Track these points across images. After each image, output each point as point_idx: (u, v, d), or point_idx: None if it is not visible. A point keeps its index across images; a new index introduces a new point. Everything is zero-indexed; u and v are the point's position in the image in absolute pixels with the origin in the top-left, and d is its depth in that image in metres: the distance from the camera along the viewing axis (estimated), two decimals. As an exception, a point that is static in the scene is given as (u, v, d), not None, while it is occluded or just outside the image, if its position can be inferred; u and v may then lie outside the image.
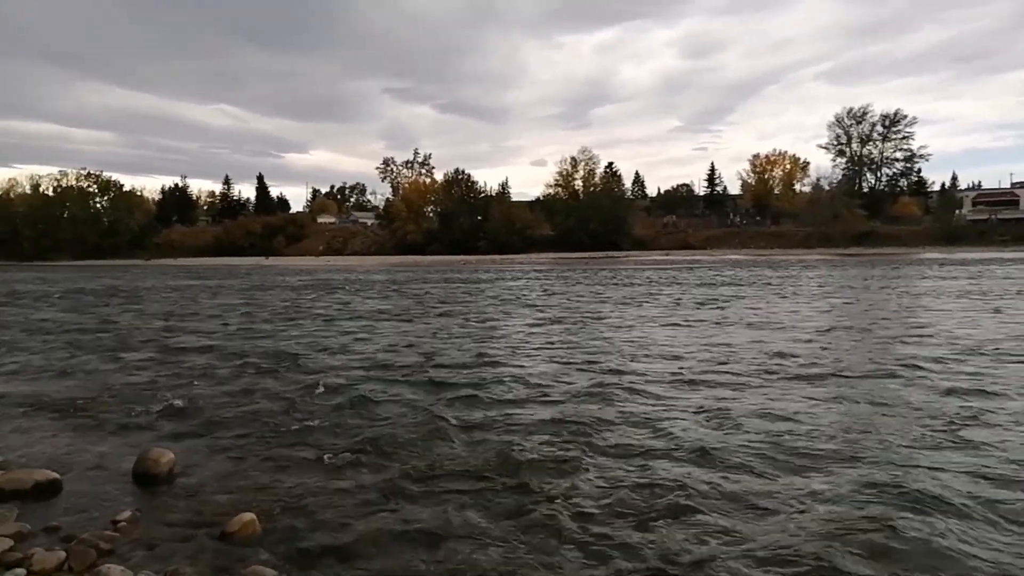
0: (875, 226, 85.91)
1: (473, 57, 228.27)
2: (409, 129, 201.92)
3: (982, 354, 11.13)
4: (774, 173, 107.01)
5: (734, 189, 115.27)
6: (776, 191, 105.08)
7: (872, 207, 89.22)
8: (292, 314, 20.49)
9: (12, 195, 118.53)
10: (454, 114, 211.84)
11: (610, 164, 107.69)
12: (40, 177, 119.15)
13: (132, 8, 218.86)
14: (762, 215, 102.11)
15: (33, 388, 9.99)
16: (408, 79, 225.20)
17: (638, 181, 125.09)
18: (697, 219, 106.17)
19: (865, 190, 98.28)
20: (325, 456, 6.39)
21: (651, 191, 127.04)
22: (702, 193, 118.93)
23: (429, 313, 20.10)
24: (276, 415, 8.01)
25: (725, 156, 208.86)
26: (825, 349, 12.03)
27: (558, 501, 5.17)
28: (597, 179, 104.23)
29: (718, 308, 19.77)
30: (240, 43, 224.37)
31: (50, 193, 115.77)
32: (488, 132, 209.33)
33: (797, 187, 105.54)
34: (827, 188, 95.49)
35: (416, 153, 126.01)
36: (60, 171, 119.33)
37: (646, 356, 11.61)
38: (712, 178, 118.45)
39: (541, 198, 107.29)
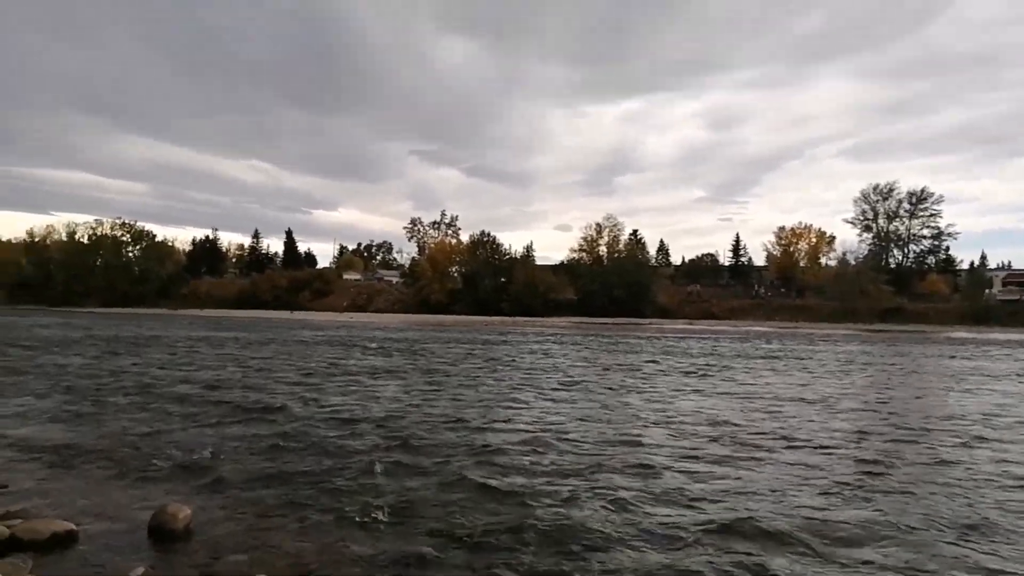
0: (902, 303, 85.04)
1: (500, 123, 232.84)
2: (436, 191, 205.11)
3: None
4: (800, 246, 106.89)
5: (759, 260, 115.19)
6: (802, 264, 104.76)
7: (899, 283, 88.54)
8: (317, 370, 20.49)
9: (48, 242, 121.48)
10: (480, 178, 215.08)
11: (635, 231, 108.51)
12: (76, 225, 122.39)
13: (172, 64, 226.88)
14: (787, 287, 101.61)
15: (52, 434, 10.01)
16: (436, 142, 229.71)
17: (662, 249, 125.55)
18: (721, 289, 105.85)
19: (892, 266, 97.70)
20: (344, 517, 6.28)
21: (675, 259, 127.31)
22: (727, 263, 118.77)
23: (452, 373, 20.00)
24: (295, 472, 7.92)
25: (750, 227, 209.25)
26: (861, 435, 11.75)
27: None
28: (621, 245, 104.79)
29: (748, 381, 19.48)
30: (275, 101, 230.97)
31: (85, 241, 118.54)
32: (513, 196, 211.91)
33: (823, 261, 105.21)
34: (853, 263, 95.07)
35: (443, 214, 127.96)
36: (96, 220, 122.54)
37: (671, 427, 11.40)
38: (737, 248, 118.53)
39: (565, 262, 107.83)
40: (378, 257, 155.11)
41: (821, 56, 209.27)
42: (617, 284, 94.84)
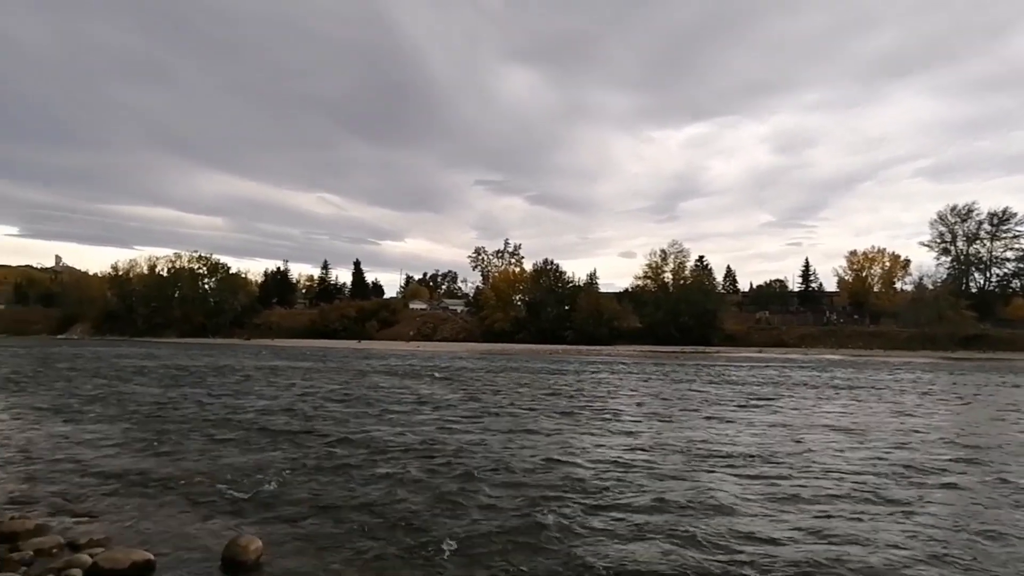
0: (986, 328, 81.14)
1: (564, 151, 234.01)
2: (500, 220, 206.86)
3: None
4: (873, 270, 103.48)
5: (830, 286, 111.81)
6: (875, 289, 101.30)
7: (981, 309, 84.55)
8: (384, 399, 20.76)
9: (131, 275, 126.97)
10: (544, 206, 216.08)
11: (701, 257, 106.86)
12: (157, 258, 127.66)
13: (247, 101, 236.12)
14: (860, 314, 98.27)
15: (131, 463, 10.41)
16: (500, 172, 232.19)
17: (729, 275, 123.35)
18: (791, 316, 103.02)
19: (973, 291, 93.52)
20: (409, 551, 6.33)
21: (742, 286, 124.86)
22: (796, 289, 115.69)
23: (517, 404, 19.98)
24: (362, 504, 8.03)
25: (820, 252, 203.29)
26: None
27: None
28: (687, 272, 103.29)
29: (833, 412, 18.90)
30: (345, 136, 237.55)
31: (164, 274, 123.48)
32: (577, 223, 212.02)
33: (898, 285, 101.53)
34: (931, 287, 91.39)
35: (506, 243, 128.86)
36: (175, 253, 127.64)
37: (746, 461, 11.13)
38: (807, 274, 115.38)
39: (629, 289, 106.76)
40: (443, 286, 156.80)
41: (894, 74, 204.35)
42: (683, 312, 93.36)
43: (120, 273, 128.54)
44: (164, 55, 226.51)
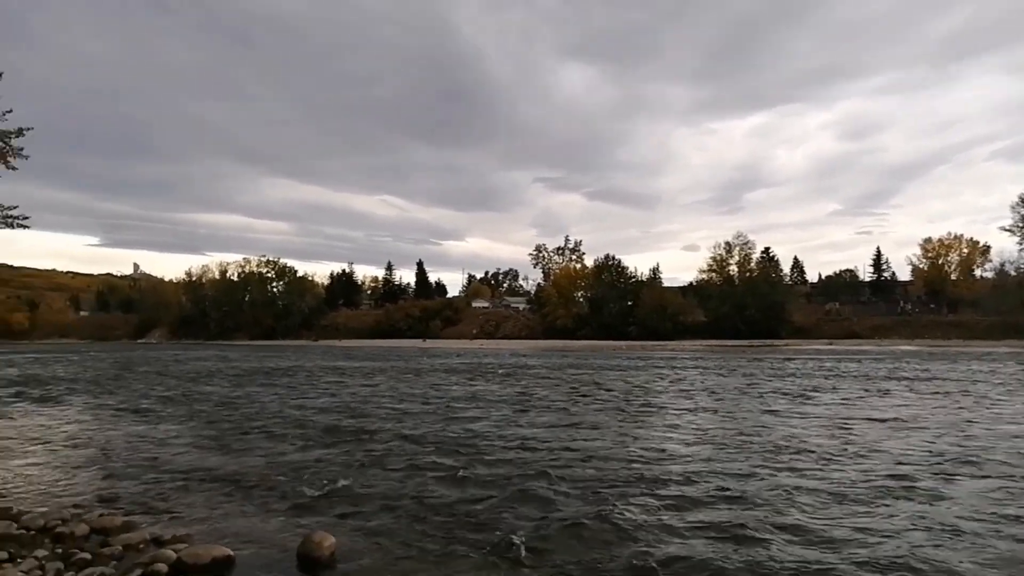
0: (1075, 315, 77.10)
1: (623, 146, 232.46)
2: (560, 216, 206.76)
3: None
4: (950, 258, 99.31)
5: (903, 275, 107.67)
6: (953, 277, 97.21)
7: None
8: (450, 397, 20.96)
9: (203, 280, 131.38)
10: (604, 201, 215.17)
11: (767, 249, 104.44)
12: (227, 264, 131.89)
13: (311, 109, 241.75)
14: (936, 303, 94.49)
15: (208, 462, 10.76)
16: (560, 169, 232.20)
17: (797, 266, 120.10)
18: (862, 306, 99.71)
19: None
20: (481, 549, 6.36)
21: (810, 277, 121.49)
22: (867, 279, 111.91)
23: (584, 400, 19.88)
24: (432, 501, 8.10)
25: (891, 240, 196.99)
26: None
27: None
28: (753, 264, 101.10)
29: (898, 405, 18.26)
30: (405, 140, 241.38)
31: (235, 278, 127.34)
32: (638, 218, 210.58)
33: (977, 273, 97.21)
34: (1014, 273, 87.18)
35: (567, 240, 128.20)
36: (244, 258, 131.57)
37: (824, 458, 10.83)
38: (878, 263, 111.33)
39: (694, 283, 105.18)
40: (505, 284, 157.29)
41: (966, 53, 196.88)
42: (749, 304, 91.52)
43: (193, 279, 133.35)
44: (233, 69, 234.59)
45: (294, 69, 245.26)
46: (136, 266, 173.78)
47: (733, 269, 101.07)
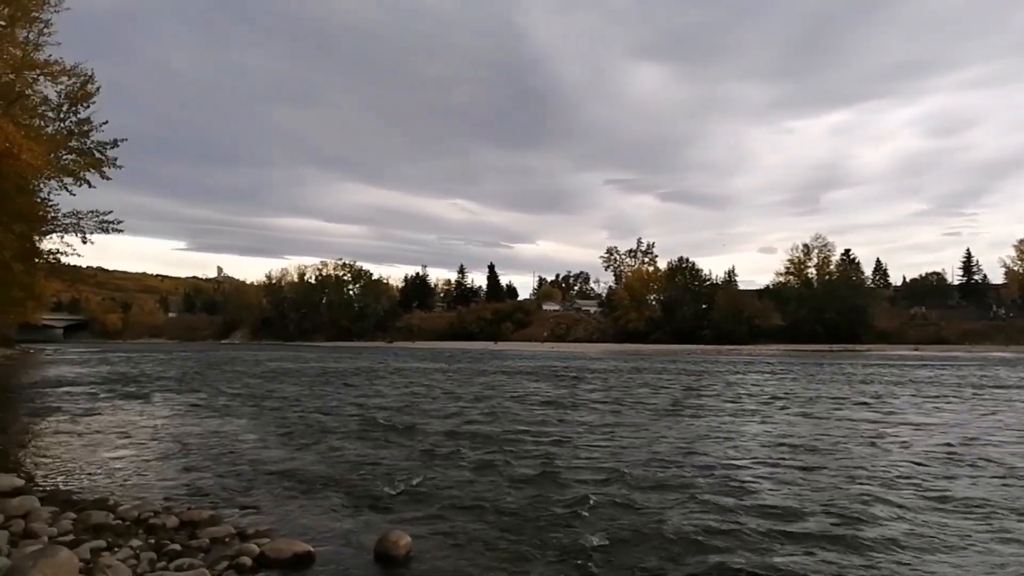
0: None
1: (697, 146, 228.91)
2: (632, 219, 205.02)
3: None
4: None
5: (996, 278, 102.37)
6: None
7: None
8: (522, 399, 21.03)
9: (283, 283, 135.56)
10: (677, 203, 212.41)
11: (847, 251, 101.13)
12: (305, 267, 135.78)
13: (385, 114, 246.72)
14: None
15: (286, 459, 11.08)
16: (631, 170, 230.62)
17: (879, 269, 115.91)
18: (951, 311, 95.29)
19: None
20: (555, 551, 6.35)
21: (894, 280, 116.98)
22: (956, 282, 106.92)
23: (658, 405, 19.62)
24: (507, 502, 8.13)
25: (983, 241, 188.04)
26: None
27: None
28: (832, 266, 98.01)
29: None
30: (477, 143, 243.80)
31: (312, 281, 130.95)
32: (712, 220, 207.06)
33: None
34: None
35: (639, 242, 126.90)
36: (322, 261, 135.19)
37: (923, 475, 10.42)
38: (968, 265, 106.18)
39: (770, 286, 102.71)
40: (576, 287, 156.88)
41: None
42: (829, 308, 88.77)
43: (273, 282, 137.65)
44: (310, 77, 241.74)
45: (370, 75, 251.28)
46: (220, 269, 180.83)
47: (812, 271, 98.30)
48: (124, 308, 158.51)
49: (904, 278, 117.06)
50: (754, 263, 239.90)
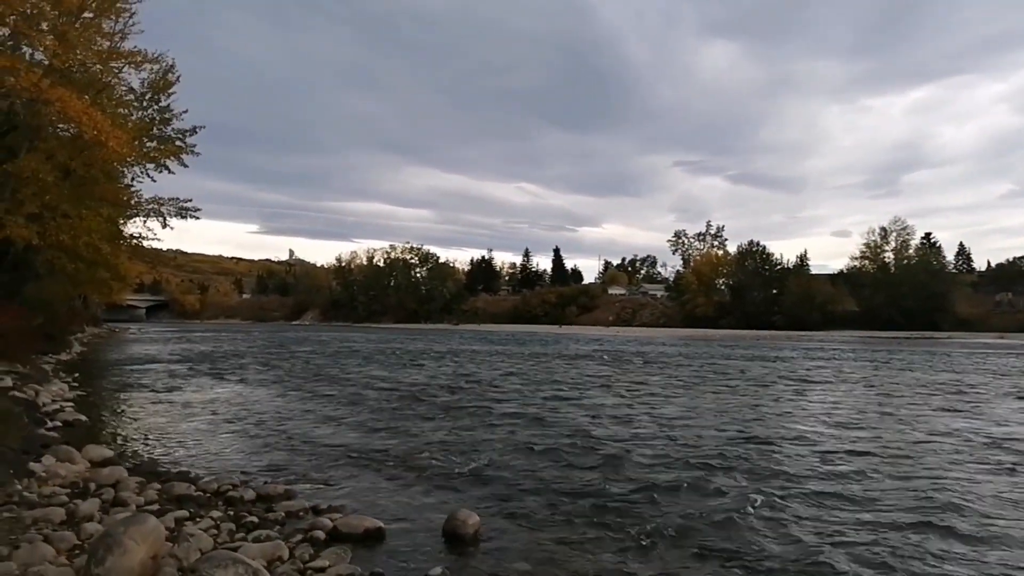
0: None
1: (768, 126, 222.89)
2: (700, 201, 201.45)
3: None
4: None
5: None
6: None
7: None
8: (589, 382, 21.00)
9: (352, 266, 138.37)
10: (747, 185, 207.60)
11: (927, 234, 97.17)
12: (374, 250, 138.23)
13: (451, 99, 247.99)
14: None
15: (355, 437, 11.36)
16: (699, 152, 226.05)
17: (962, 253, 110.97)
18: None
19: None
20: (624, 534, 6.34)
21: (978, 265, 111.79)
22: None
23: (730, 389, 19.33)
24: (575, 485, 8.16)
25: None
26: None
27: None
28: (911, 251, 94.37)
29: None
30: (541, 126, 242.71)
31: (380, 264, 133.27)
32: (784, 202, 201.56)
33: None
34: None
35: (708, 225, 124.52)
36: (390, 245, 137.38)
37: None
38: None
39: (844, 271, 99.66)
40: (642, 271, 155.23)
41: None
42: (906, 294, 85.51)
43: (343, 264, 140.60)
44: (377, 62, 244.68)
45: (435, 61, 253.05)
46: (291, 252, 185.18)
47: (889, 256, 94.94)
48: (201, 289, 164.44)
49: (989, 263, 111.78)
50: (827, 247, 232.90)
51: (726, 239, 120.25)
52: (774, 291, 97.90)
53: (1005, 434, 12.12)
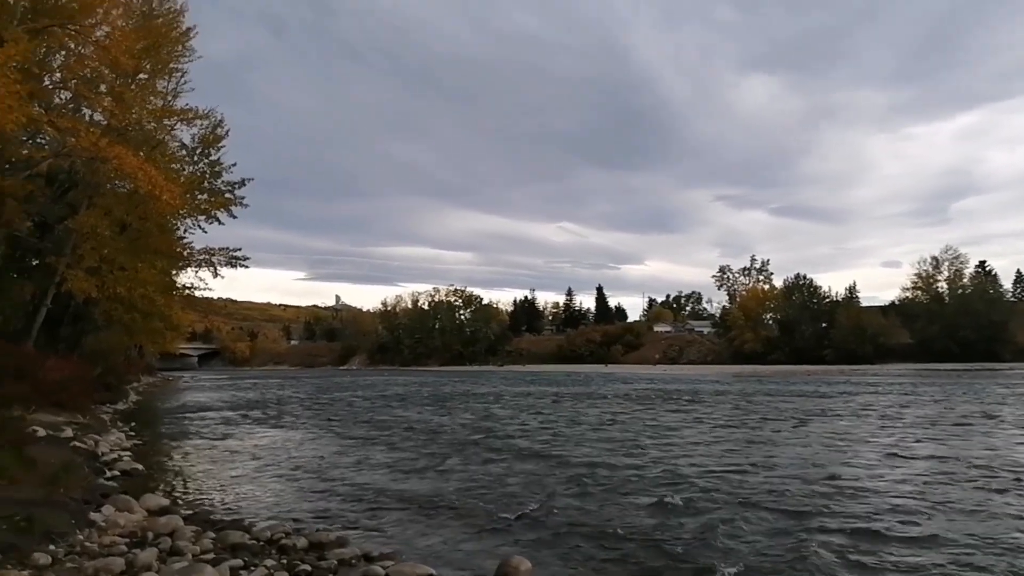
0: None
1: (810, 158, 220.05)
2: (743, 235, 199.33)
3: None
4: None
5: None
6: None
7: None
8: (639, 422, 20.73)
9: (397, 309, 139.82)
10: (791, 217, 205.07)
11: (982, 263, 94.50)
12: (418, 293, 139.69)
13: (490, 143, 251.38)
14: None
15: (408, 482, 11.34)
16: (741, 186, 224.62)
17: (1020, 281, 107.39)
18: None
19: None
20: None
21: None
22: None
23: (785, 428, 18.88)
24: (628, 528, 7.99)
25: None
26: None
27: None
28: (966, 279, 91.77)
29: None
30: (581, 165, 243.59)
31: (425, 307, 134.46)
32: (829, 234, 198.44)
33: None
34: None
35: (752, 259, 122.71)
36: (434, 288, 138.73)
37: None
38: None
39: (896, 302, 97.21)
40: (687, 308, 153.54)
41: None
42: (963, 324, 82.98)
43: (388, 308, 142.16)
44: (418, 110, 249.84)
45: (473, 105, 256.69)
46: (338, 298, 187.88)
47: (942, 286, 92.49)
48: (251, 336, 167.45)
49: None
50: (877, 278, 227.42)
51: (772, 273, 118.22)
52: (823, 325, 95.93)
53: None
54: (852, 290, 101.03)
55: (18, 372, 15.57)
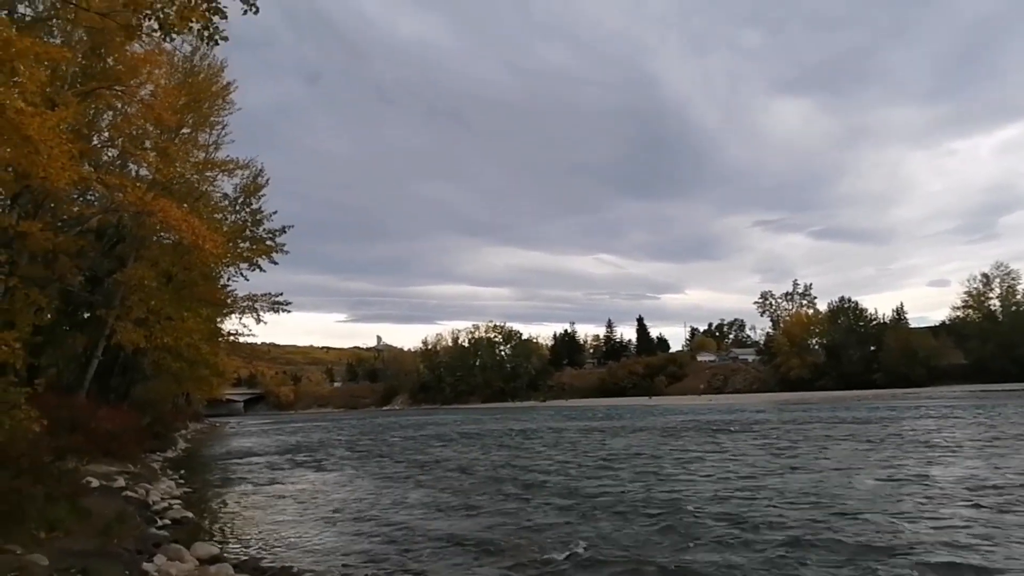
0: None
1: (848, 179, 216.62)
2: (784, 260, 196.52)
3: None
4: None
5: None
6: None
7: None
8: (686, 456, 20.39)
9: (438, 348, 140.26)
10: (831, 240, 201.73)
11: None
12: (458, 331, 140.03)
13: (524, 178, 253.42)
14: None
15: (455, 525, 11.26)
16: (779, 210, 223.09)
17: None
18: None
19: None
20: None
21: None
22: None
23: (831, 457, 18.42)
24: (680, 570, 7.84)
25: None
26: None
27: None
28: (1019, 296, 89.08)
29: None
30: (616, 197, 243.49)
31: (465, 344, 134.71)
32: (872, 255, 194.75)
33: None
34: None
35: (795, 284, 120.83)
36: (473, 325, 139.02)
37: None
38: None
39: (947, 322, 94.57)
40: (730, 336, 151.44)
41: None
42: (1018, 342, 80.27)
43: (429, 347, 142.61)
44: (451, 149, 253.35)
45: (505, 142, 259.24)
46: (379, 338, 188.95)
47: (995, 303, 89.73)
48: (295, 380, 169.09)
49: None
50: (925, 298, 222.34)
51: (815, 297, 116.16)
52: (871, 348, 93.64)
53: None
54: (900, 311, 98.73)
55: (72, 424, 15.88)
